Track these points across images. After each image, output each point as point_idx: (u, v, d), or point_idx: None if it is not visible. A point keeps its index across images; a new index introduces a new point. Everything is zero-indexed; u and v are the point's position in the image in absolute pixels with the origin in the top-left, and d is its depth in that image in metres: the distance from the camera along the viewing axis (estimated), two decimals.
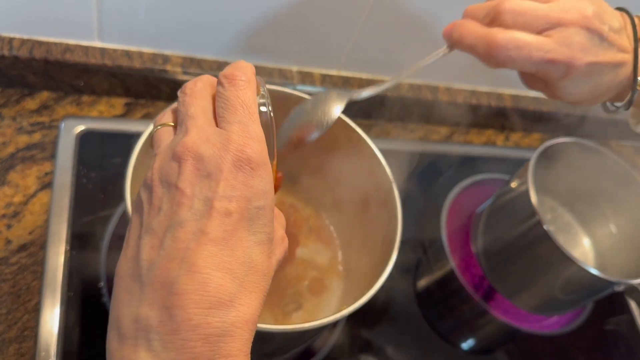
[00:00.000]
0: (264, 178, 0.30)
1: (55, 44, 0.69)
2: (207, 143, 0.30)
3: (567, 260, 0.65)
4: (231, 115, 0.31)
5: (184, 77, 0.74)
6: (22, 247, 0.61)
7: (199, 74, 0.74)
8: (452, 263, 0.79)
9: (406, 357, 0.69)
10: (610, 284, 0.68)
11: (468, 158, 0.89)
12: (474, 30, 0.42)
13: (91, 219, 0.65)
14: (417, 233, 0.79)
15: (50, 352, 0.55)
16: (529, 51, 0.40)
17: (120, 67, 0.72)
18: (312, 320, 0.44)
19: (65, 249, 0.61)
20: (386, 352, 0.68)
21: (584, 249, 0.83)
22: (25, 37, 0.68)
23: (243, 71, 0.32)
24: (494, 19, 0.41)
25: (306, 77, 0.80)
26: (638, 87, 0.45)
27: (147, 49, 0.73)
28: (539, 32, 0.40)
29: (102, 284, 0.61)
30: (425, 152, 0.86)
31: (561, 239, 0.65)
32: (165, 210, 0.29)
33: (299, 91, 0.58)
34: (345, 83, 0.82)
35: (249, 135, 0.30)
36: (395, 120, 0.87)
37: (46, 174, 0.66)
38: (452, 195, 0.84)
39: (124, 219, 0.66)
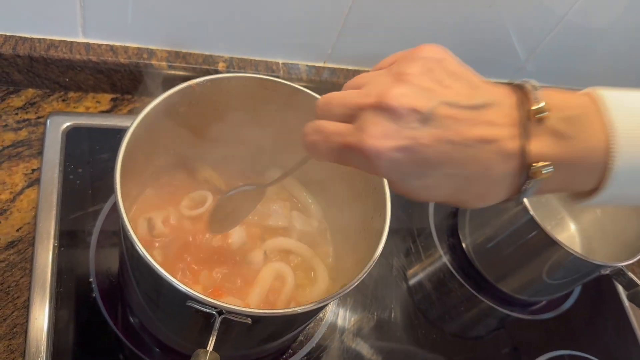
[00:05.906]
0: None
1: (39, 40, 0.69)
2: None
3: (553, 244, 0.66)
4: None
5: (170, 72, 0.74)
6: (10, 244, 0.61)
7: (184, 68, 0.75)
8: (441, 251, 0.79)
9: (397, 343, 0.70)
10: (597, 267, 0.69)
11: None
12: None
13: (79, 215, 0.65)
14: (406, 222, 0.80)
15: (41, 348, 0.55)
16: (327, 136, 0.38)
17: (106, 62, 0.71)
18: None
19: (54, 245, 0.61)
20: (378, 339, 0.69)
21: (570, 233, 0.84)
22: (8, 33, 0.68)
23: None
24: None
25: (292, 69, 0.81)
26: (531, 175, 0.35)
27: (132, 44, 0.73)
28: (344, 120, 0.38)
29: (91, 279, 0.61)
30: None
31: (548, 224, 0.66)
32: None
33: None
34: (332, 74, 0.82)
35: None
36: None
37: (33, 170, 0.66)
38: None
39: (112, 214, 0.66)
